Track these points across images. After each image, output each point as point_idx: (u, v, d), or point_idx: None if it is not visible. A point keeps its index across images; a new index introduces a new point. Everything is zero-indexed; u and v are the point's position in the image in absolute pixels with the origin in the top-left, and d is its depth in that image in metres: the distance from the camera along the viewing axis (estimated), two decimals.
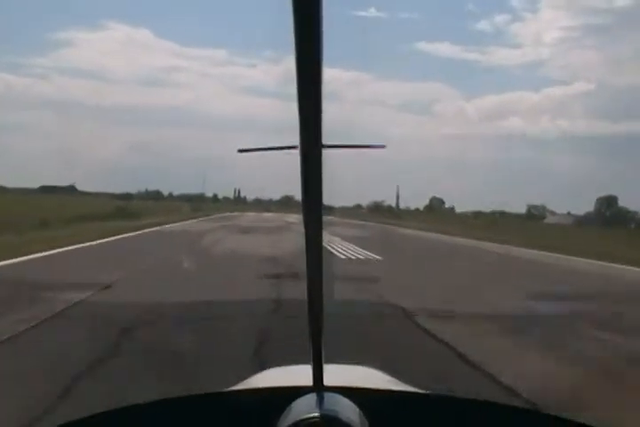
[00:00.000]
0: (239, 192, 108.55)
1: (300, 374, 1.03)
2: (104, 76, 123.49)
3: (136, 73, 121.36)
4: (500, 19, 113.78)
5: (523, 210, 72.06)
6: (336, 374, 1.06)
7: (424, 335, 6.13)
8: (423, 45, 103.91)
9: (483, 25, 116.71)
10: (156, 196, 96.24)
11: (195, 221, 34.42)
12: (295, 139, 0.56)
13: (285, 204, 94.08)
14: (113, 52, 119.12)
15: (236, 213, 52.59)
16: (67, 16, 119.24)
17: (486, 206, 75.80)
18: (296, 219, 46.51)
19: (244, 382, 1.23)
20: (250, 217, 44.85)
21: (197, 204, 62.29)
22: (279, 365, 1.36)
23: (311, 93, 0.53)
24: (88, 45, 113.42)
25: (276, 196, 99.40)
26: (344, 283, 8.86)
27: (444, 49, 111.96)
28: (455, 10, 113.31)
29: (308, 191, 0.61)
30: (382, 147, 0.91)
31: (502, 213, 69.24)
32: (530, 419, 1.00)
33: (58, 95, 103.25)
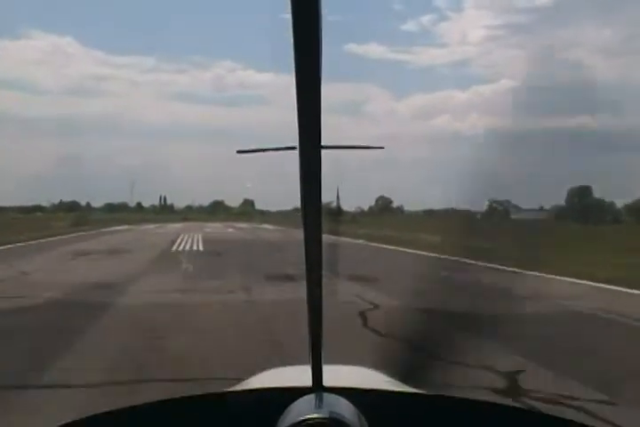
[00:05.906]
0: (165, 200, 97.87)
1: (299, 375, 1.04)
2: (28, 87, 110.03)
3: (62, 82, 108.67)
4: (425, 19, 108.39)
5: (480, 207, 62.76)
6: (335, 375, 1.07)
7: None
8: (352, 47, 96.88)
9: (409, 25, 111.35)
10: (71, 207, 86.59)
11: None
12: (293, 139, 0.57)
13: (214, 210, 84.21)
14: (37, 62, 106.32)
15: (125, 227, 40.04)
16: None
17: (435, 205, 67.25)
18: (208, 234, 31.92)
19: (244, 382, 1.25)
20: (126, 235, 30.83)
21: (83, 215, 49.61)
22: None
23: (310, 94, 0.53)
24: (9, 55, 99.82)
25: (207, 202, 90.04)
26: None
27: (373, 50, 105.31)
28: (382, 11, 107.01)
29: (306, 192, 0.61)
30: (381, 148, 0.84)
31: (455, 211, 59.92)
32: (529, 419, 0.98)
33: None
